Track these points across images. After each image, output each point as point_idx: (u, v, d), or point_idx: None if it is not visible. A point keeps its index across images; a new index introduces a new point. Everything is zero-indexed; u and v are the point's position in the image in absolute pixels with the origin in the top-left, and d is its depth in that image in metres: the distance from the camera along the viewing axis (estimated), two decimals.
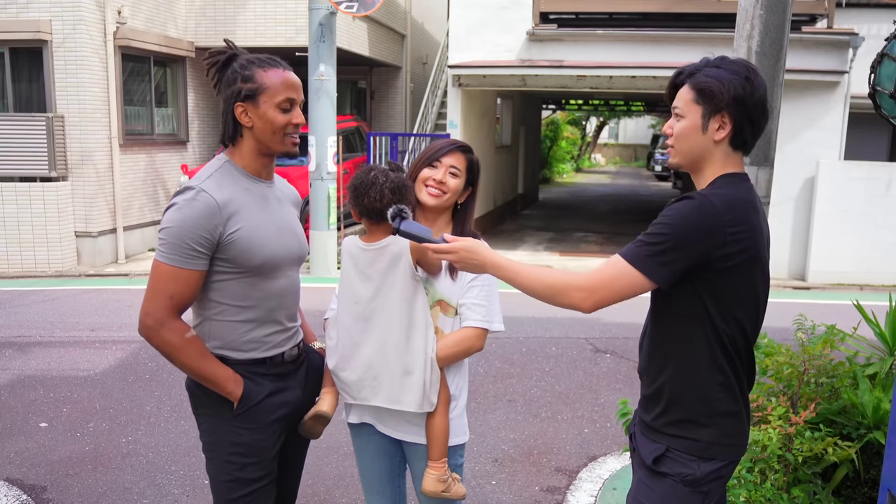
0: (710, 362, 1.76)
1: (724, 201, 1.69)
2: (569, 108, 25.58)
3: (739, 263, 1.70)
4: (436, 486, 2.11)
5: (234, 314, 2.00)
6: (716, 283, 1.71)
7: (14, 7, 9.15)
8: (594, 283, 1.73)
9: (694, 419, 1.79)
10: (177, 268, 1.89)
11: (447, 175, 2.16)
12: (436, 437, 2.12)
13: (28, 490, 3.69)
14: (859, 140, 10.80)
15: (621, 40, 10.35)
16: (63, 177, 9.25)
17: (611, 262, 1.74)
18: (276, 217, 2.07)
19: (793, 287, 9.52)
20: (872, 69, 2.87)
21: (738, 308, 1.74)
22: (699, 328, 1.75)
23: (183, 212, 1.89)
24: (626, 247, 1.74)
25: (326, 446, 4.20)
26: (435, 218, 2.23)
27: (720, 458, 1.80)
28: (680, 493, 1.79)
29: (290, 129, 2.00)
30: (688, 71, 1.80)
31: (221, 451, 2.03)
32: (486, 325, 2.14)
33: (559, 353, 6.12)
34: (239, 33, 11.22)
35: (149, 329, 1.91)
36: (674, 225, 1.68)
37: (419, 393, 2.06)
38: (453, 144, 2.22)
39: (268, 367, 2.07)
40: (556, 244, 12.41)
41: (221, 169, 2.00)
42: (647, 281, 1.70)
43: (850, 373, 3.14)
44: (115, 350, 5.99)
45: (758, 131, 1.79)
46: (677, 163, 1.84)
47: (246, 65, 1.97)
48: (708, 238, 1.66)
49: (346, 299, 2.15)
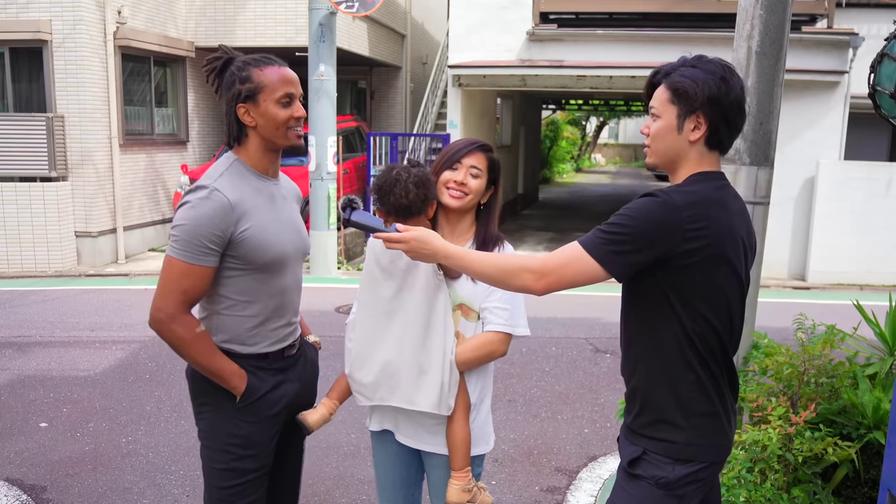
0: (680, 361, 1.74)
1: (685, 199, 1.68)
2: (569, 108, 25.59)
3: (701, 260, 1.68)
4: (460, 497, 2.07)
5: (241, 309, 2.05)
6: (678, 279, 1.70)
7: (14, 7, 9.15)
8: (548, 267, 1.73)
9: (669, 420, 1.77)
10: (189, 264, 1.94)
11: (468, 176, 2.13)
12: (457, 446, 2.08)
13: (28, 490, 3.69)
14: (859, 140, 10.80)
15: (621, 40, 10.35)
16: (63, 177, 9.25)
17: (568, 248, 1.74)
18: (282, 215, 2.12)
19: (793, 287, 9.52)
20: (872, 69, 2.87)
21: (704, 305, 1.72)
22: (666, 326, 1.74)
23: (197, 210, 1.93)
24: (586, 235, 1.73)
25: (326, 446, 4.20)
26: (458, 220, 2.19)
27: (698, 460, 1.76)
28: (654, 496, 1.77)
29: (292, 122, 2.04)
30: (664, 70, 1.79)
31: (219, 441, 2.07)
32: (510, 329, 2.11)
33: (559, 353, 6.12)
34: (239, 33, 11.22)
35: (160, 323, 1.96)
36: (635, 219, 1.67)
37: (435, 394, 2.03)
38: (473, 144, 2.18)
39: (270, 361, 2.12)
40: (556, 244, 12.41)
41: (232, 168, 2.05)
42: (602, 271, 1.69)
43: (850, 373, 3.14)
44: (115, 350, 5.99)
45: (734, 131, 1.77)
46: (653, 162, 1.84)
47: (242, 66, 2.02)
48: (667, 235, 1.66)
49: (368, 298, 2.14)
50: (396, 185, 2.04)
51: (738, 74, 1.77)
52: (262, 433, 2.09)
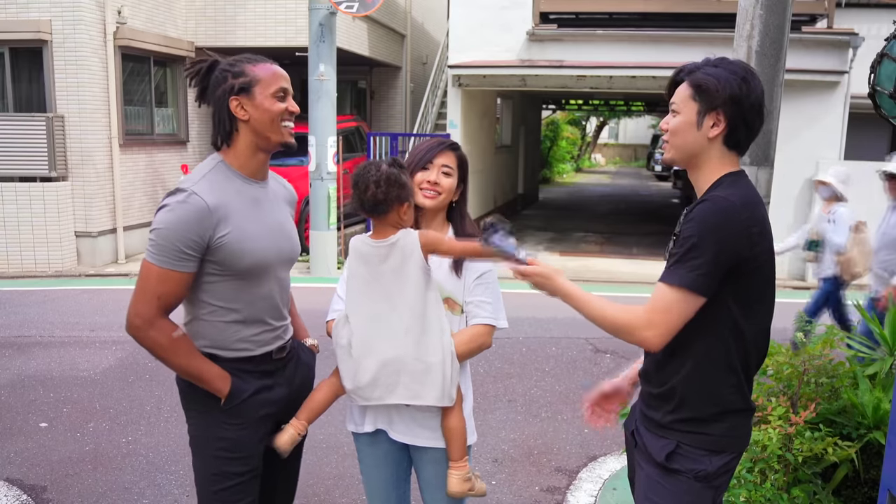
0: (724, 365, 1.78)
1: (741, 201, 1.71)
2: (569, 108, 25.59)
3: (763, 262, 1.72)
4: (461, 486, 2.12)
5: (222, 315, 2.03)
6: (743, 282, 1.72)
7: (14, 7, 9.15)
8: (654, 320, 1.73)
9: (705, 419, 1.80)
10: (166, 269, 1.91)
11: (440, 175, 2.18)
12: (454, 437, 2.12)
13: (28, 490, 3.69)
14: (859, 140, 10.80)
15: (621, 40, 10.35)
16: (63, 177, 9.25)
17: (659, 293, 1.74)
18: (266, 219, 2.07)
19: (793, 287, 9.52)
20: (872, 69, 2.86)
21: (760, 306, 1.77)
22: (722, 328, 1.76)
23: (174, 213, 1.90)
24: (665, 272, 1.74)
25: (326, 446, 4.20)
26: (432, 219, 2.23)
27: (729, 451, 1.81)
28: (693, 489, 1.80)
29: (286, 116, 2.02)
30: (688, 69, 1.82)
31: (208, 445, 2.07)
32: (494, 321, 2.17)
33: (559, 353, 6.12)
34: (239, 33, 11.22)
35: (136, 329, 1.94)
36: (704, 233, 1.68)
37: (439, 387, 2.05)
38: (442, 144, 2.23)
39: (255, 364, 2.10)
40: (556, 244, 12.40)
41: (215, 169, 2.01)
42: (698, 297, 1.70)
43: (850, 373, 3.14)
44: (115, 350, 5.99)
45: (752, 133, 1.80)
46: (671, 158, 1.86)
47: (233, 63, 2.01)
48: (738, 238, 1.68)
49: (358, 299, 2.12)
50: (365, 181, 2.04)
51: (759, 78, 1.80)
52: (249, 437, 2.08)
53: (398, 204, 2.04)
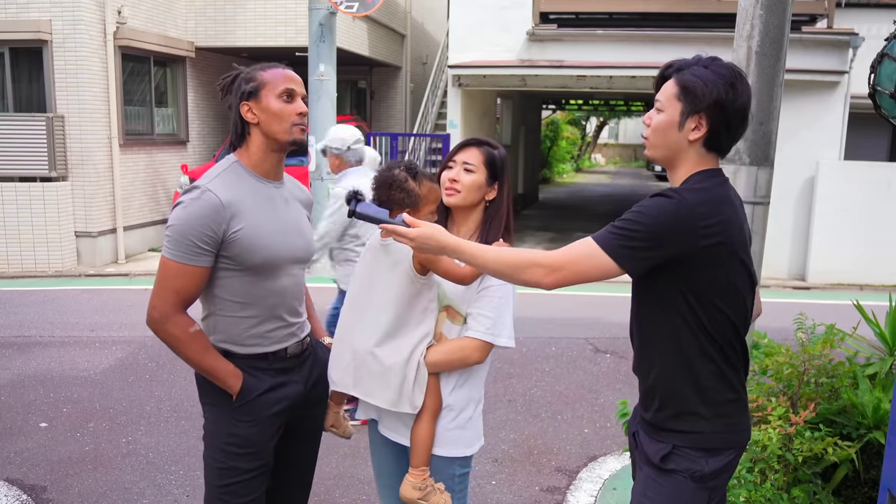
0: (698, 353, 1.76)
1: (697, 197, 1.71)
2: (569, 108, 25.59)
3: (715, 256, 1.70)
4: (411, 494, 2.06)
5: (236, 310, 2.08)
6: (694, 277, 1.72)
7: (14, 7, 9.15)
8: (559, 261, 1.74)
9: (692, 411, 1.79)
10: (182, 264, 1.97)
11: (461, 172, 2.10)
12: (416, 444, 2.08)
13: (28, 490, 3.69)
14: (859, 140, 10.80)
15: (621, 40, 10.35)
16: (63, 177, 9.25)
17: (580, 244, 1.75)
18: (281, 217, 2.12)
19: (793, 287, 9.52)
20: (872, 69, 2.87)
21: (721, 301, 1.74)
22: (683, 322, 1.75)
23: (188, 210, 1.97)
24: (599, 232, 1.74)
25: (326, 446, 4.19)
26: (464, 219, 2.16)
27: (727, 449, 1.80)
28: (687, 488, 1.80)
29: (294, 118, 2.07)
30: (677, 66, 1.80)
31: (218, 439, 2.11)
32: (490, 338, 2.04)
33: (559, 353, 6.12)
34: (239, 33, 11.22)
35: (155, 322, 2.00)
36: (649, 216, 1.69)
37: (394, 391, 2.02)
38: (468, 141, 2.17)
39: (270, 361, 2.13)
40: (556, 244, 12.40)
41: (229, 169, 2.09)
42: (615, 266, 1.71)
43: (850, 373, 3.14)
44: (115, 350, 5.99)
45: (734, 138, 1.79)
46: (651, 155, 1.86)
47: (249, 72, 2.10)
48: (681, 234, 1.67)
49: (355, 283, 2.16)
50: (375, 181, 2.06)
51: (747, 82, 1.77)
52: (259, 433, 2.10)
53: (399, 208, 2.03)
